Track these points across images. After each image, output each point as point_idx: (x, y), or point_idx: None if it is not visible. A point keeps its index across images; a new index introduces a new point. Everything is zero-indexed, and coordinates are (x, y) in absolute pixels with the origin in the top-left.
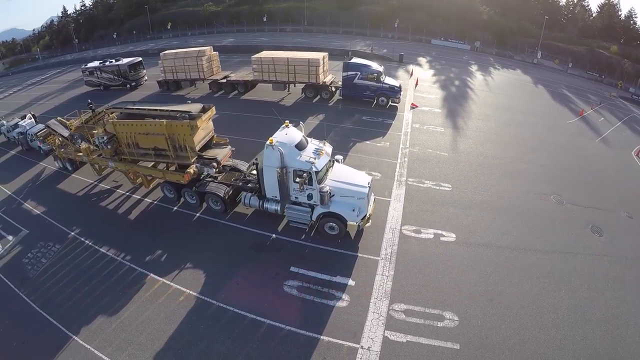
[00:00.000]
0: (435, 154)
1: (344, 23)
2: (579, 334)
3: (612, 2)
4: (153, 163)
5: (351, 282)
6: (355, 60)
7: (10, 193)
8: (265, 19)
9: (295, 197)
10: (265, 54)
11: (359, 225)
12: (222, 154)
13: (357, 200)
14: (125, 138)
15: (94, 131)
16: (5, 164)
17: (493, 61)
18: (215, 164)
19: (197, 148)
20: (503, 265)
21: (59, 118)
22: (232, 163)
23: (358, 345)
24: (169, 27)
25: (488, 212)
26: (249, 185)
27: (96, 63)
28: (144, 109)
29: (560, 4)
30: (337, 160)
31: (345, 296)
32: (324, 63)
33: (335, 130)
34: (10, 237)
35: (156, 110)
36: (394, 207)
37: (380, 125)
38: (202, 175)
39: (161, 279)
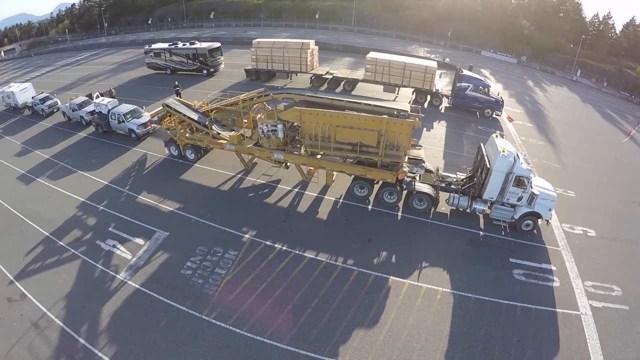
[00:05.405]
0: (549, 165)
1: (391, 26)
2: None
3: (635, 22)
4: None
5: (553, 267)
6: (467, 72)
7: (106, 183)
8: (317, 16)
9: (507, 199)
10: (378, 55)
11: (547, 222)
12: (422, 154)
13: (550, 202)
14: (314, 129)
15: (244, 119)
16: (81, 148)
17: (541, 77)
18: (423, 164)
19: None
20: (629, 253)
21: (176, 97)
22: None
23: (579, 312)
24: (211, 17)
25: (604, 215)
26: (452, 186)
27: (164, 45)
28: (342, 101)
29: (586, 19)
30: None
31: (555, 278)
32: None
33: (465, 137)
34: (139, 241)
35: (360, 103)
36: None
37: None
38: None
39: (406, 280)
